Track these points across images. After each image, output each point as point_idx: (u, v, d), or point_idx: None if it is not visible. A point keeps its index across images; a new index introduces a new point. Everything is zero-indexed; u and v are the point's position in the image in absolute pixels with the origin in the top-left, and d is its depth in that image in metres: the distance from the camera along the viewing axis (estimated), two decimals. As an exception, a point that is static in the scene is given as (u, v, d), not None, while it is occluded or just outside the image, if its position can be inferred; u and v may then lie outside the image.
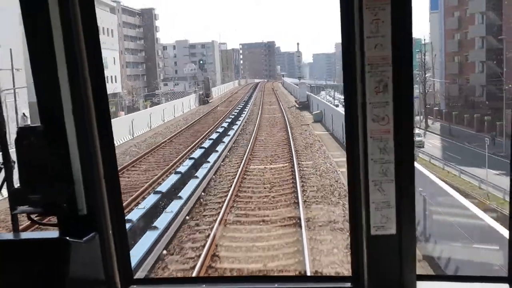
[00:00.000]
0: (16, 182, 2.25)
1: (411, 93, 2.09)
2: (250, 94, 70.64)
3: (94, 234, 2.25)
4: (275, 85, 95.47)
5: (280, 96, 65.85)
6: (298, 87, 60.23)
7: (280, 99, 59.37)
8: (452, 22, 52.43)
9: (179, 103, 51.05)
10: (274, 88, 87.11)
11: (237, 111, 43.00)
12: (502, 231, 9.13)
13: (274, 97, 64.52)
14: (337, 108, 37.23)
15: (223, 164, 21.20)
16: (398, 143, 2.10)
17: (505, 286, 2.26)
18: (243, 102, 54.31)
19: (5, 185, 2.27)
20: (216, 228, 12.73)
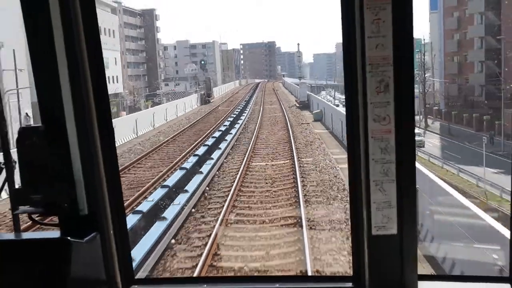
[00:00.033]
0: (17, 182, 2.25)
1: (412, 93, 2.09)
2: (251, 94, 70.63)
3: (95, 234, 2.25)
4: (275, 85, 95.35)
5: (281, 96, 65.86)
6: (298, 87, 60.17)
7: (280, 99, 59.36)
8: (451, 22, 52.33)
9: (181, 102, 51.16)
10: (275, 88, 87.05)
11: (238, 111, 43.08)
12: (503, 231, 9.12)
13: (274, 96, 64.55)
14: (337, 107, 37.33)
15: (226, 161, 21.42)
16: (399, 143, 2.09)
17: (507, 286, 2.25)
18: (244, 102, 54.33)
19: (7, 185, 2.27)
20: (220, 220, 13.16)
